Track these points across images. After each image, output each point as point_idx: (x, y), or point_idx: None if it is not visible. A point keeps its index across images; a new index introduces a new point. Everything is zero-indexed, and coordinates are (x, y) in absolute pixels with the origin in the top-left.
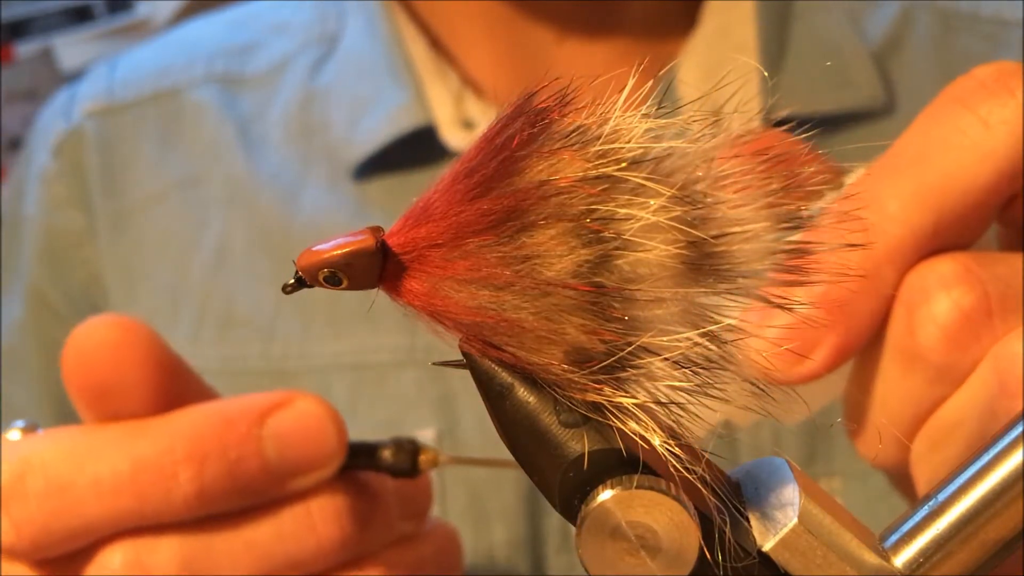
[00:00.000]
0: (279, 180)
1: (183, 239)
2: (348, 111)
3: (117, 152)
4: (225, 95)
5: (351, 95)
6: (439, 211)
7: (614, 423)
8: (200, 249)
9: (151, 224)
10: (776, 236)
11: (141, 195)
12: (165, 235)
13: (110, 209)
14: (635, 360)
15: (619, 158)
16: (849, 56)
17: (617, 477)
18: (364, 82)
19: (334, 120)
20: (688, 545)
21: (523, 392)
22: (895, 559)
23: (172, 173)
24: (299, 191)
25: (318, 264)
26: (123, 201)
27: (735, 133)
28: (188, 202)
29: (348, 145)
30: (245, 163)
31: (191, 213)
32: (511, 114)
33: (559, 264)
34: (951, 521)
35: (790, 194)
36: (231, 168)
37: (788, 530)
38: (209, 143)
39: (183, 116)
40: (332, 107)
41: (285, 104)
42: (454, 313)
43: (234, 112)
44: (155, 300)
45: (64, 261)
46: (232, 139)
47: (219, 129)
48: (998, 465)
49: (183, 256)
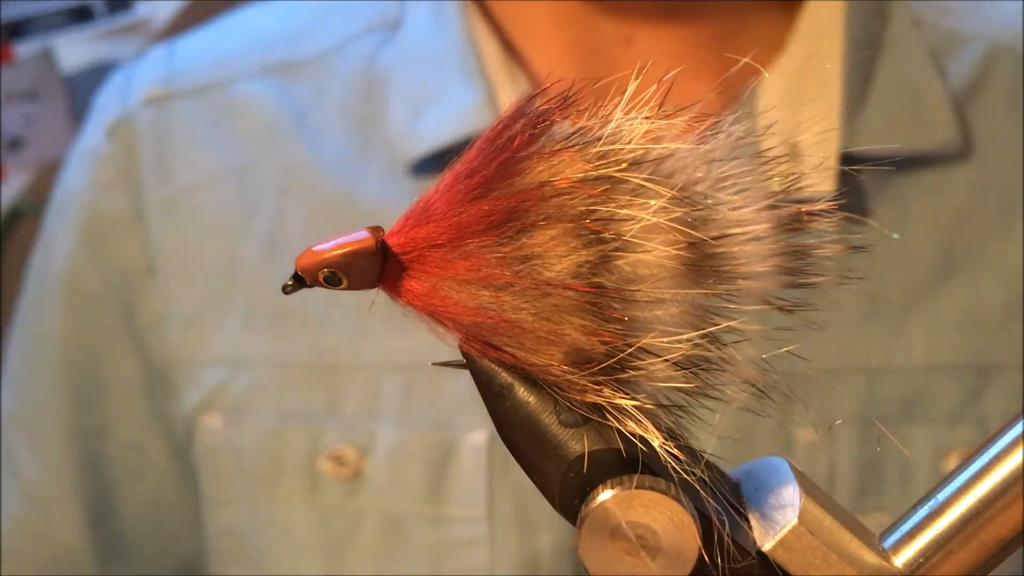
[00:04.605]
0: (339, 167)
1: (234, 225)
2: (409, 103)
3: (171, 139)
4: (282, 84)
5: (413, 87)
6: (439, 211)
7: (614, 424)
8: (252, 236)
9: (202, 210)
10: (776, 237)
11: (193, 181)
12: (217, 221)
13: (162, 194)
14: (635, 361)
15: (620, 159)
16: (929, 97)
17: (617, 477)
18: (428, 75)
19: (393, 111)
20: (688, 545)
21: (523, 392)
22: (895, 559)
23: (224, 160)
24: (358, 180)
25: (318, 264)
26: (175, 187)
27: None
28: (240, 188)
29: (409, 139)
30: (304, 150)
31: (243, 200)
32: (512, 115)
33: (559, 265)
34: (951, 521)
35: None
36: (288, 155)
37: (788, 530)
38: (264, 131)
39: (238, 106)
40: (392, 96)
41: (343, 88)
42: (454, 313)
43: (290, 100)
44: (208, 287)
45: (105, 242)
46: (290, 127)
47: (275, 118)
48: (998, 465)
49: (234, 243)
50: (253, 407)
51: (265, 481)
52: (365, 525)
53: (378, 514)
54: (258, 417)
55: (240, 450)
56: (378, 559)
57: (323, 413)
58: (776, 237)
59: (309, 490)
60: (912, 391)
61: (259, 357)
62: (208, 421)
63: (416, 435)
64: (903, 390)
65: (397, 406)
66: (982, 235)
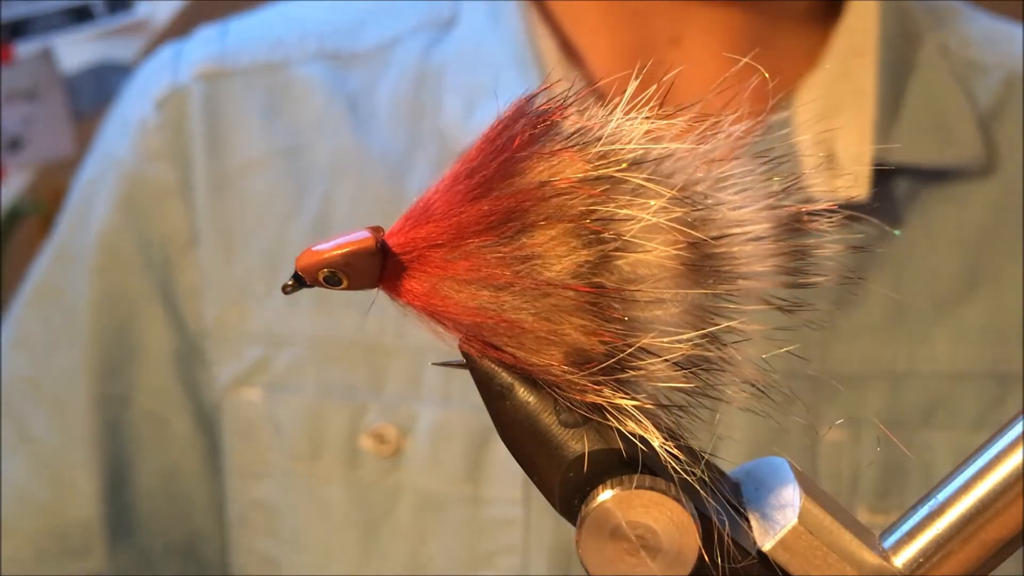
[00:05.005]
0: (389, 157)
1: (284, 206)
2: (464, 96)
3: (223, 115)
4: (335, 71)
5: (467, 81)
6: (439, 211)
7: (613, 424)
8: (300, 216)
9: (252, 188)
10: (776, 238)
11: (244, 159)
12: (266, 200)
13: (212, 169)
14: (635, 361)
15: (620, 159)
16: (956, 116)
17: (617, 477)
18: (484, 71)
19: (447, 103)
20: (688, 545)
21: (523, 392)
22: (895, 559)
23: (276, 140)
24: (407, 170)
25: (318, 264)
26: (225, 163)
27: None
28: (291, 169)
29: (462, 131)
30: (355, 136)
31: (293, 181)
32: (512, 115)
33: (559, 265)
34: (951, 521)
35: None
36: (339, 140)
37: (788, 530)
38: (316, 115)
39: (292, 88)
40: (446, 89)
41: (396, 81)
42: (454, 313)
43: (344, 87)
44: (253, 264)
45: (146, 211)
46: (342, 113)
47: (328, 102)
48: (998, 465)
49: (283, 223)
50: (294, 382)
51: (303, 455)
52: (402, 503)
53: (415, 492)
54: (299, 392)
55: (279, 424)
56: (413, 536)
57: (365, 391)
58: (780, 237)
59: (348, 466)
60: (935, 397)
61: (302, 334)
62: (246, 394)
63: (457, 417)
64: (927, 396)
65: (438, 388)
66: (1004, 250)
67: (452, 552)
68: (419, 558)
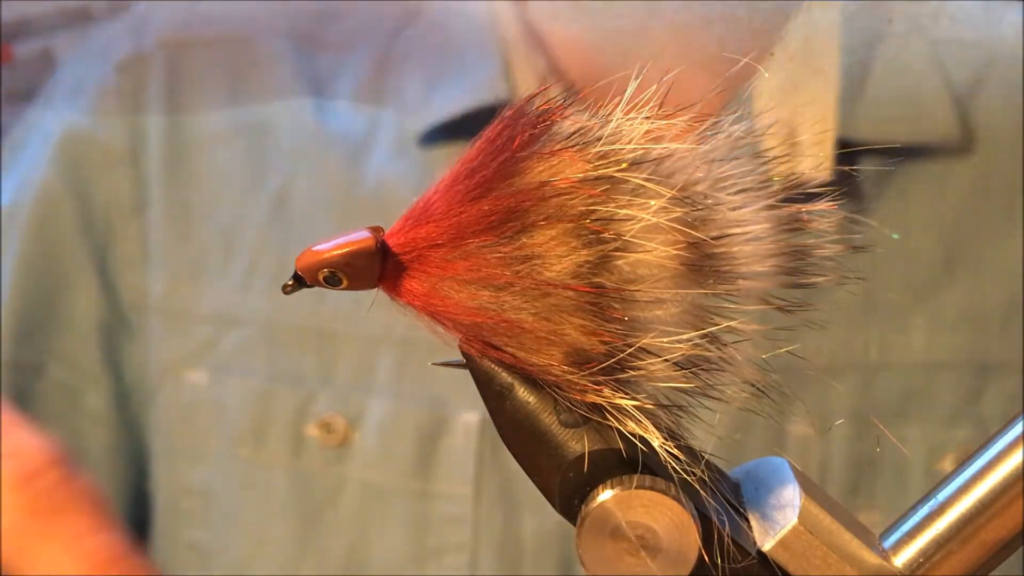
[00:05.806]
0: (348, 139)
1: (243, 184)
2: (424, 78)
3: (185, 85)
4: (303, 52)
5: (430, 64)
6: (439, 211)
7: (613, 424)
8: (259, 197)
9: (212, 163)
10: (776, 237)
11: (205, 132)
12: (225, 176)
13: (168, 139)
14: (635, 361)
15: (620, 159)
16: (928, 89)
17: (617, 477)
18: (447, 54)
19: (408, 86)
20: (688, 545)
21: (523, 392)
22: (895, 559)
23: (239, 117)
24: (367, 152)
25: (318, 264)
26: (183, 134)
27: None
28: (251, 146)
29: (422, 111)
30: (315, 117)
31: (254, 159)
32: (512, 115)
33: (559, 265)
34: (951, 521)
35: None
36: (301, 121)
37: (788, 530)
38: (280, 94)
39: (257, 64)
40: (408, 73)
41: (360, 66)
42: (454, 313)
43: (309, 69)
44: (207, 241)
45: (91, 175)
46: (304, 93)
47: (292, 82)
48: (998, 465)
49: (241, 201)
50: (243, 365)
51: (247, 441)
52: (345, 494)
53: (360, 484)
54: (247, 376)
55: (223, 407)
56: (354, 530)
57: (315, 379)
58: (776, 237)
59: (292, 454)
60: (910, 388)
61: (254, 317)
62: (191, 376)
63: (408, 410)
64: (900, 387)
65: (391, 380)
66: (983, 233)
67: (396, 547)
68: (359, 552)
